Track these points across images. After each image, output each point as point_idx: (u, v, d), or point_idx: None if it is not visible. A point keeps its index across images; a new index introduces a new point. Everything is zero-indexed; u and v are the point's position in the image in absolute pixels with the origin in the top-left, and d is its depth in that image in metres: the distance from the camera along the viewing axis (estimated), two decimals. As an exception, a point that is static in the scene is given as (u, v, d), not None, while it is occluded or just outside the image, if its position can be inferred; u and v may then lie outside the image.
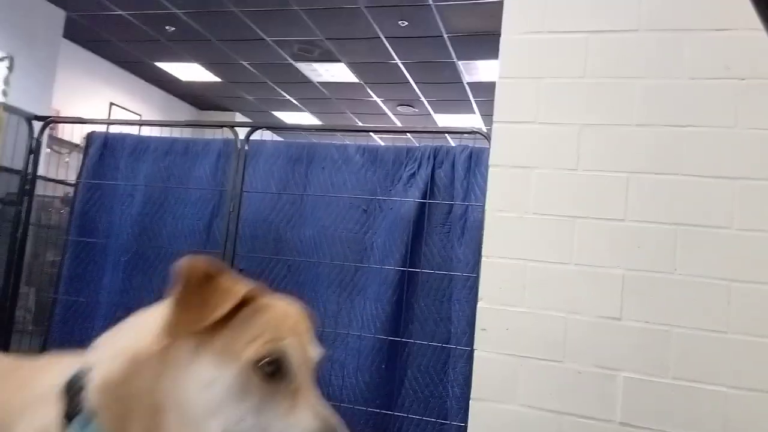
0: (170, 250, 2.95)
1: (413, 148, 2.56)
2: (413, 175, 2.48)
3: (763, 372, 1.55)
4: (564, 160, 1.83)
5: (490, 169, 1.91)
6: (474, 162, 2.37)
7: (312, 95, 7.75)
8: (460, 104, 7.49)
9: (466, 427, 1.82)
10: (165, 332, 0.76)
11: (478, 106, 7.48)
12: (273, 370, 0.75)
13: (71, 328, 3.03)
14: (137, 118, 7.54)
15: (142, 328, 0.80)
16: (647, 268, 1.69)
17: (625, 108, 1.79)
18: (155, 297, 2.94)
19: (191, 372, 0.75)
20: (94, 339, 2.98)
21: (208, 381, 0.74)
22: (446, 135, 2.54)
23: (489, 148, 1.96)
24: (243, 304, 0.77)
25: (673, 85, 1.75)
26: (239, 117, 9.08)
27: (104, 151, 3.13)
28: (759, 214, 1.63)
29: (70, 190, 3.70)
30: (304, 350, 0.80)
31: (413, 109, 7.96)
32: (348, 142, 2.80)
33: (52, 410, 0.78)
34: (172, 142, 3.06)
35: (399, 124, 8.70)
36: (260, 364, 0.74)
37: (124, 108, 7.40)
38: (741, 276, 1.61)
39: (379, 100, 7.77)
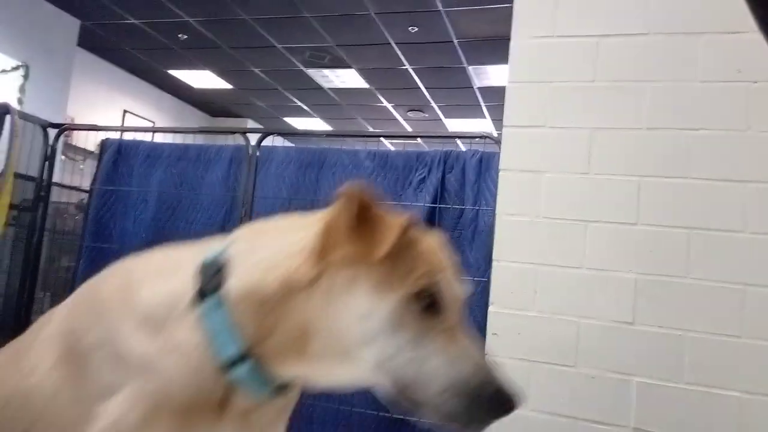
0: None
1: (423, 153, 2.56)
2: (423, 180, 2.48)
3: (779, 377, 1.54)
4: (575, 164, 1.82)
5: (501, 174, 1.91)
6: (484, 167, 2.37)
7: (323, 101, 7.80)
8: (470, 109, 7.50)
9: (477, 433, 1.81)
10: (321, 259, 0.75)
11: (488, 111, 7.49)
12: (428, 305, 0.74)
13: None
14: (150, 125, 7.63)
15: (291, 244, 0.79)
16: (660, 272, 1.68)
17: (636, 112, 1.78)
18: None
19: (347, 302, 0.75)
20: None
21: (364, 312, 0.74)
22: (457, 140, 2.54)
23: (499, 153, 1.96)
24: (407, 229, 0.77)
25: (684, 88, 1.74)
26: (251, 123, 9.14)
27: (118, 158, 3.17)
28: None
29: (85, 196, 3.74)
30: (455, 287, 0.79)
31: (423, 115, 7.98)
32: (359, 148, 2.81)
33: (186, 282, 0.80)
34: (184, 148, 3.09)
35: (410, 129, 8.72)
36: (417, 297, 0.74)
37: (137, 115, 7.48)
38: (755, 280, 1.60)
39: (389, 106, 7.79)
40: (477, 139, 2.53)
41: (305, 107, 8.17)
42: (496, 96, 6.59)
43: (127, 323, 0.79)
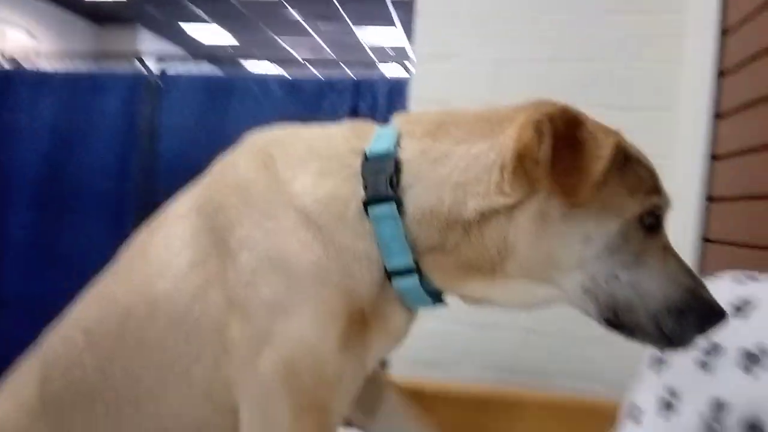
0: (83, 186, 2.84)
1: (335, 81, 2.55)
2: (335, 108, 2.49)
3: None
4: (480, 95, 1.89)
5: (411, 105, 1.95)
6: (395, 95, 2.40)
7: (227, 11, 7.33)
8: (380, 16, 7.30)
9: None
10: (523, 182, 0.69)
11: (398, 18, 7.33)
12: (651, 225, 0.70)
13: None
14: (32, 39, 6.92)
15: (478, 158, 0.71)
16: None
17: (538, 43, 1.86)
18: (74, 232, 2.84)
19: (565, 228, 0.69)
20: (11, 275, 2.86)
21: (586, 236, 0.69)
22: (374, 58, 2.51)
23: (409, 80, 2.00)
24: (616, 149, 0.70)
25: (581, 21, 1.82)
26: (145, 33, 8.48)
27: (3, 87, 2.91)
28: (650, 143, 1.78)
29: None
30: (669, 201, 0.74)
31: (334, 25, 7.71)
32: (268, 73, 2.74)
33: (350, 183, 0.74)
34: (77, 76, 2.88)
35: (320, 42, 8.44)
36: (642, 218, 0.70)
37: (12, 24, 6.72)
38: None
39: (299, 18, 7.46)
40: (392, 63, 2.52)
41: (205, 15, 7.65)
42: (408, 7, 6.47)
43: (286, 222, 0.73)
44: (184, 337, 0.75)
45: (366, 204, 0.72)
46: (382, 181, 0.72)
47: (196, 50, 9.45)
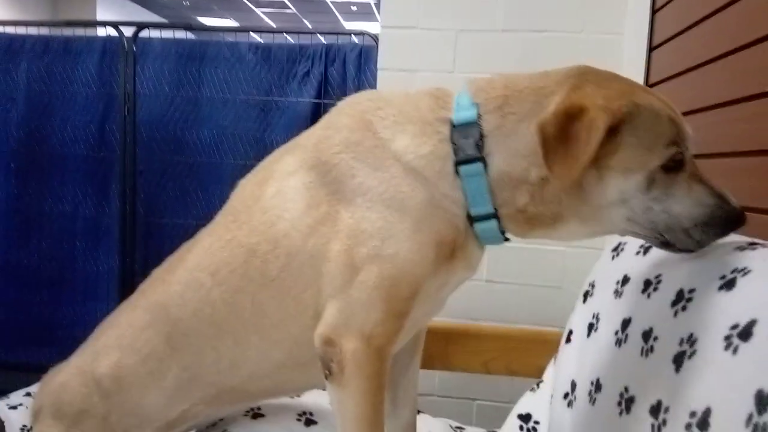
0: (62, 153, 2.93)
1: (306, 46, 2.66)
2: (307, 73, 2.61)
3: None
4: (442, 64, 2.06)
5: (379, 73, 2.10)
6: (364, 60, 2.54)
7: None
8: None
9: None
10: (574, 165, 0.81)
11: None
12: (675, 165, 0.84)
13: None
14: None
15: (534, 144, 0.84)
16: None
17: (492, 15, 2.02)
18: (56, 199, 2.97)
19: (601, 187, 0.84)
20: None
21: (620, 191, 0.84)
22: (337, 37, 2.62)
23: (376, 47, 2.13)
24: (622, 121, 0.81)
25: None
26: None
27: (-31, 53, 2.92)
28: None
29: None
30: (692, 139, 0.85)
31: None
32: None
33: (443, 145, 0.90)
34: (48, 40, 2.90)
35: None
36: (665, 165, 0.83)
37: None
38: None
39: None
40: (354, 37, 2.64)
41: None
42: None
43: (395, 171, 0.89)
44: (299, 266, 0.92)
45: (457, 163, 0.89)
46: (471, 146, 0.89)
47: (152, 2, 9.23)
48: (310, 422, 1.30)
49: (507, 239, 0.97)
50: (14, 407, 1.31)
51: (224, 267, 0.97)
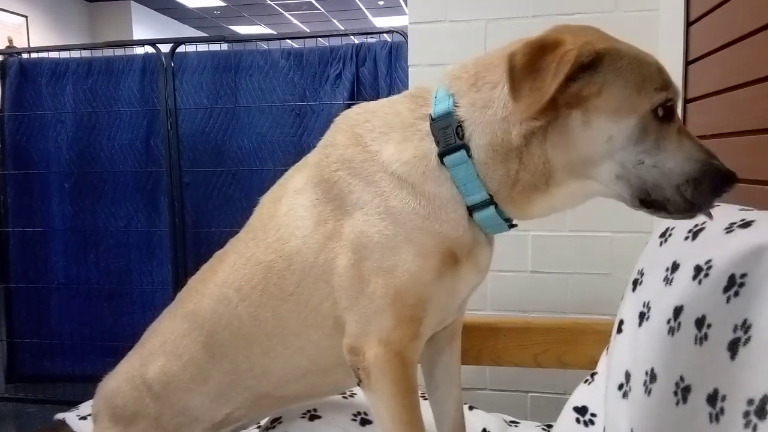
0: (112, 171, 3.04)
1: (336, 48, 2.68)
2: (339, 75, 2.63)
3: (638, 217, 1.95)
4: (473, 54, 2.04)
5: (410, 70, 2.10)
6: (394, 58, 2.54)
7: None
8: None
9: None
10: (547, 107, 0.80)
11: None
12: (664, 115, 0.82)
13: (31, 257, 3.15)
14: (22, 19, 6.99)
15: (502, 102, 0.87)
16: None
17: (521, 1, 1.99)
18: (108, 215, 3.08)
19: (588, 133, 0.83)
20: (56, 264, 3.11)
21: (608, 136, 0.82)
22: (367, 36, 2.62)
23: (406, 43, 2.13)
24: (599, 59, 0.81)
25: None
26: (134, 5, 8.51)
27: (22, 79, 3.07)
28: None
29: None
30: (677, 90, 0.85)
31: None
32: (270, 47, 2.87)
33: (424, 142, 0.91)
34: (90, 61, 3.02)
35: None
36: (654, 111, 0.81)
37: (5, 10, 6.78)
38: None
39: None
40: (385, 35, 2.65)
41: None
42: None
43: (384, 184, 0.90)
44: (313, 280, 0.95)
45: (441, 156, 0.89)
46: (450, 134, 0.89)
47: (183, 15, 9.43)
48: (365, 422, 1.32)
49: (513, 225, 0.97)
50: (84, 418, 1.37)
51: (246, 283, 1.01)
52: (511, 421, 1.49)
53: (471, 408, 1.49)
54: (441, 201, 0.90)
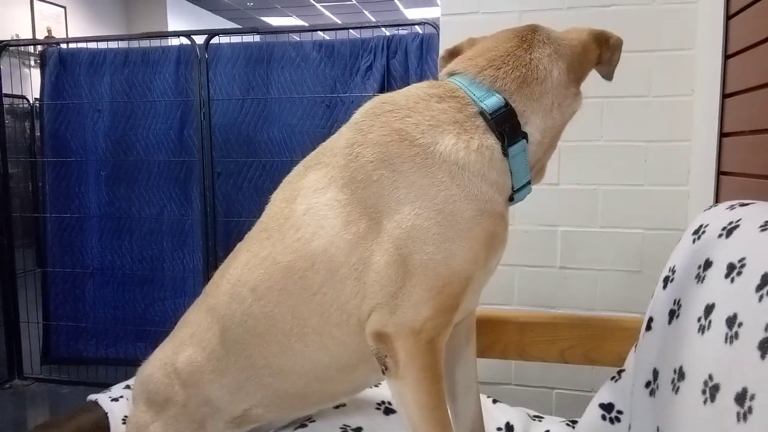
0: (146, 160, 3.11)
1: (367, 40, 2.68)
2: (370, 66, 2.63)
3: (671, 214, 1.91)
4: (505, 48, 2.02)
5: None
6: (425, 50, 2.53)
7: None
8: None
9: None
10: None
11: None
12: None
13: (67, 242, 3.25)
14: (62, 9, 7.17)
15: (560, 87, 1.01)
16: (579, 138, 1.98)
17: (557, -7, 1.97)
18: (142, 204, 3.16)
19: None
20: (91, 250, 3.21)
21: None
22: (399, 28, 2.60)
23: (437, 35, 2.12)
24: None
25: (597, -31, 1.92)
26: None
27: (61, 68, 3.15)
28: (671, 83, 1.90)
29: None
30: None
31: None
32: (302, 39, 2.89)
33: (484, 136, 0.94)
34: (126, 52, 3.09)
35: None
36: None
37: (44, 0, 6.96)
38: (656, 137, 1.92)
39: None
40: (416, 27, 2.64)
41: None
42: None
43: (441, 176, 0.91)
44: (341, 279, 0.94)
45: (506, 146, 0.95)
46: (513, 126, 0.95)
47: (217, 6, 9.53)
48: (389, 411, 1.33)
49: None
50: (116, 399, 1.40)
51: (262, 284, 1.00)
52: (535, 416, 1.49)
53: (495, 401, 1.48)
54: (498, 187, 0.95)
